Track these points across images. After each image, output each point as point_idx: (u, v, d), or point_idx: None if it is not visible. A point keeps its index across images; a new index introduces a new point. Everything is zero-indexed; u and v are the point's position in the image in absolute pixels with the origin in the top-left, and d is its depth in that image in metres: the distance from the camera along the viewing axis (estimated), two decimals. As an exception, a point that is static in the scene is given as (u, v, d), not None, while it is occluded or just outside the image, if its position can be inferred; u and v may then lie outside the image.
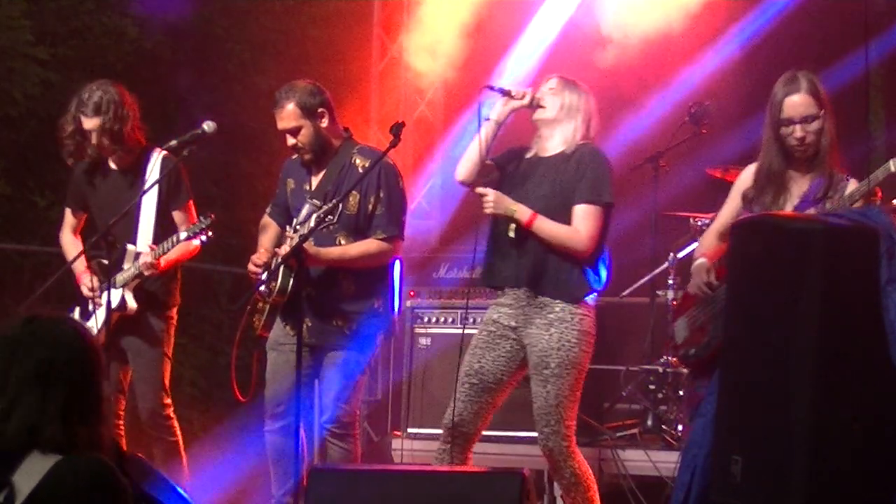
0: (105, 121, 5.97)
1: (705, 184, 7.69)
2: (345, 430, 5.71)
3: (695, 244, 6.17)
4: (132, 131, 6.05)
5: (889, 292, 4.17)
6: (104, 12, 9.56)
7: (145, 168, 6.05)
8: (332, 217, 5.41)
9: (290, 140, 5.73)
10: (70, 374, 3.16)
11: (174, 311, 6.19)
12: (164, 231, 6.01)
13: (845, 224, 4.35)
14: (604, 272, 5.51)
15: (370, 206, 5.69)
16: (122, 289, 5.98)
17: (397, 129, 5.41)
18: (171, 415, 6.15)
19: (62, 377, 3.15)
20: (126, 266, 6.00)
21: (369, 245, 5.69)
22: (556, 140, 5.55)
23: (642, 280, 7.63)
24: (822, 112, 5.05)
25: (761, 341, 4.23)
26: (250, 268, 5.74)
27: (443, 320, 7.35)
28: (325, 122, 5.74)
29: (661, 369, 7.21)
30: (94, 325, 5.92)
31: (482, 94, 5.58)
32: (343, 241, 5.69)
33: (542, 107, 5.54)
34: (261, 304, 5.69)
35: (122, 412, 6.18)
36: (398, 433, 7.31)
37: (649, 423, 7.13)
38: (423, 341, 7.34)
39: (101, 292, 5.85)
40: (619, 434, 7.04)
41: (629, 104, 8.19)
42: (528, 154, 5.63)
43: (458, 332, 7.23)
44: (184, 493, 3.48)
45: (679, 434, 6.91)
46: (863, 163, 5.22)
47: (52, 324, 3.25)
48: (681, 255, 7.34)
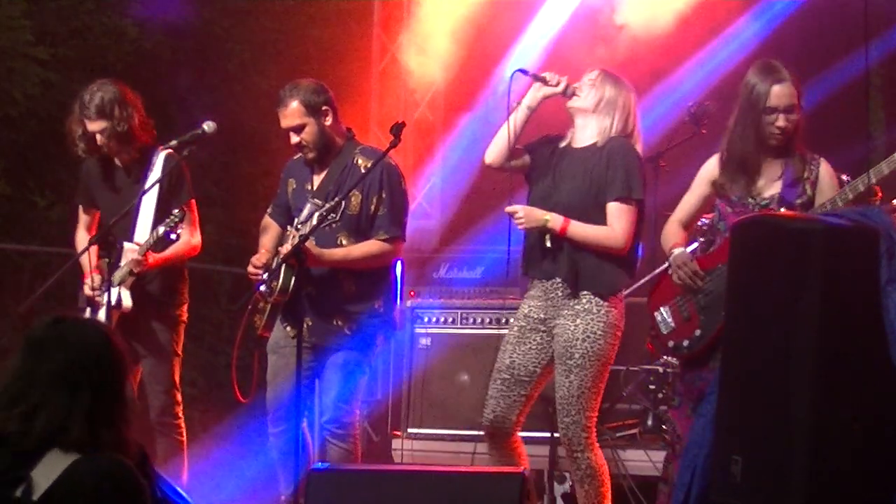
0: (109, 122, 5.97)
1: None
2: (345, 430, 5.71)
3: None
4: (138, 129, 6.04)
5: (889, 292, 4.17)
6: (104, 12, 9.56)
7: (149, 166, 6.05)
8: (334, 215, 5.41)
9: (294, 138, 5.73)
10: (97, 377, 3.19)
11: (183, 309, 6.18)
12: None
13: (845, 224, 4.35)
14: (636, 265, 5.54)
15: (372, 207, 5.69)
16: (118, 287, 5.97)
17: (397, 130, 5.40)
18: (180, 414, 6.13)
19: (89, 379, 3.17)
20: (122, 264, 5.99)
21: (372, 246, 5.69)
22: (588, 132, 5.52)
23: (642, 280, 7.62)
24: (800, 101, 5.26)
25: (761, 341, 4.23)
26: (250, 269, 5.73)
27: (443, 320, 7.35)
28: (328, 121, 5.74)
29: (661, 369, 7.22)
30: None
31: (512, 79, 5.54)
32: (344, 241, 5.69)
33: (576, 95, 5.50)
34: (262, 304, 5.69)
35: None
36: (398, 433, 7.31)
37: (649, 423, 7.14)
38: (423, 341, 7.34)
39: (103, 292, 5.85)
40: (619, 434, 7.04)
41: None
42: (562, 143, 5.59)
43: (458, 332, 7.26)
44: (183, 494, 3.49)
45: (679, 434, 6.89)
46: (863, 163, 5.24)
47: (80, 326, 3.29)
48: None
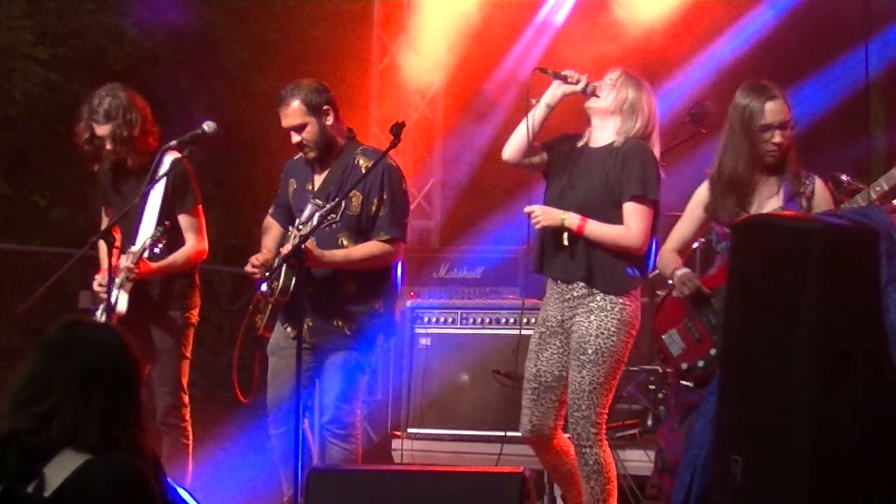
0: (116, 127, 5.97)
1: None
2: (345, 430, 5.70)
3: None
4: (143, 135, 6.05)
5: (889, 292, 4.17)
6: (104, 12, 9.58)
7: (157, 170, 6.05)
8: (334, 215, 5.41)
9: (295, 137, 5.72)
10: (112, 380, 3.21)
11: (193, 312, 6.16)
12: (170, 234, 5.94)
13: (845, 224, 4.36)
14: (650, 265, 5.55)
15: (373, 208, 5.68)
16: (118, 290, 5.97)
17: (397, 130, 5.40)
18: (187, 417, 6.11)
19: (104, 383, 3.19)
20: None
21: (372, 247, 5.68)
22: (606, 132, 5.49)
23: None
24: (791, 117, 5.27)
25: (761, 341, 4.23)
26: (248, 268, 5.73)
27: (443, 320, 7.35)
28: (329, 120, 5.74)
29: (661, 369, 7.21)
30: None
31: (531, 76, 5.53)
32: (345, 242, 5.69)
33: (596, 95, 5.48)
34: (262, 304, 5.68)
35: None
36: (398, 433, 7.31)
37: (649, 423, 7.13)
38: (423, 341, 7.34)
39: (106, 292, 5.85)
40: (619, 434, 7.03)
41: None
42: (579, 143, 5.58)
43: (458, 332, 7.26)
44: (185, 495, 3.49)
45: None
46: (863, 163, 5.24)
47: (95, 330, 3.34)
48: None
